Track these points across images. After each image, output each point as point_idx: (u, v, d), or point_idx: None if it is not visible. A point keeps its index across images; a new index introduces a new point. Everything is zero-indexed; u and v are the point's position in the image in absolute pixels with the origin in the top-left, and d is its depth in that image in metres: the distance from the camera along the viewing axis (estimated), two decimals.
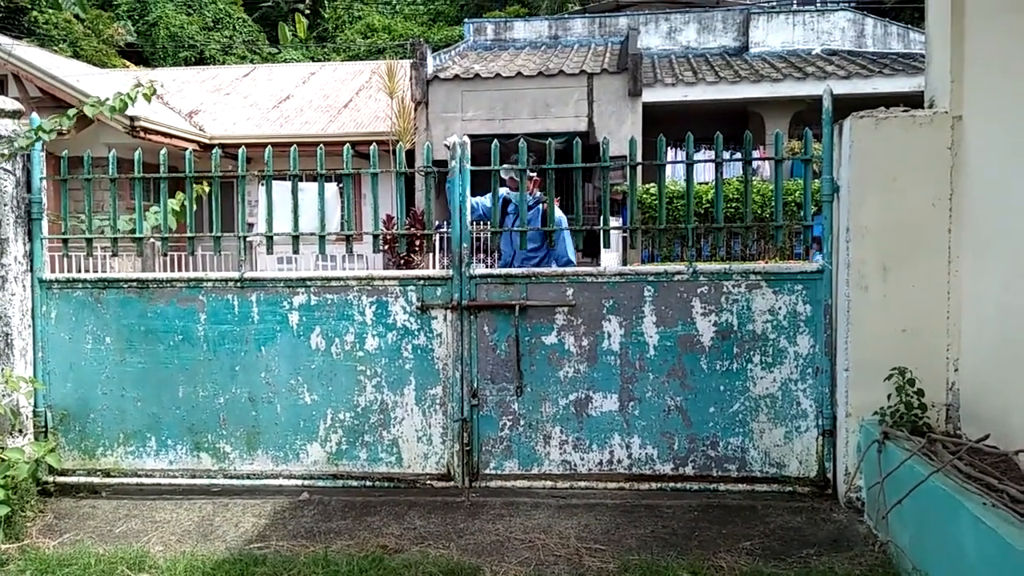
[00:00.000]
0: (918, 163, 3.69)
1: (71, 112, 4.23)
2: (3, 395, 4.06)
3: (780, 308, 4.02)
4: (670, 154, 13.27)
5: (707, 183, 12.60)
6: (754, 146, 4.31)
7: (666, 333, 4.08)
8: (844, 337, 3.80)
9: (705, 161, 4.34)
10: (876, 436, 3.43)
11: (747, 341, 4.03)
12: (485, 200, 5.09)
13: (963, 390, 3.61)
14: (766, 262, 10.57)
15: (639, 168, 4.22)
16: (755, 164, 13.34)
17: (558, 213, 5.02)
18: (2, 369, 4.16)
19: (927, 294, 3.67)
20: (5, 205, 4.24)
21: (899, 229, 3.70)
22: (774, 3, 19.24)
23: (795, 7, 17.18)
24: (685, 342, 4.07)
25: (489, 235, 4.63)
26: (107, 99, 4.25)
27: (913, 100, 4.02)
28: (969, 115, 3.59)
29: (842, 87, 13.29)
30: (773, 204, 4.15)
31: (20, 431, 4.22)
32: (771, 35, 16.85)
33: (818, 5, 17.10)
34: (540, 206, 5.28)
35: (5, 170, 4.23)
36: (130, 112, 13.41)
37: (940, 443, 3.14)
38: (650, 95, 13.99)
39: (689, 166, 4.14)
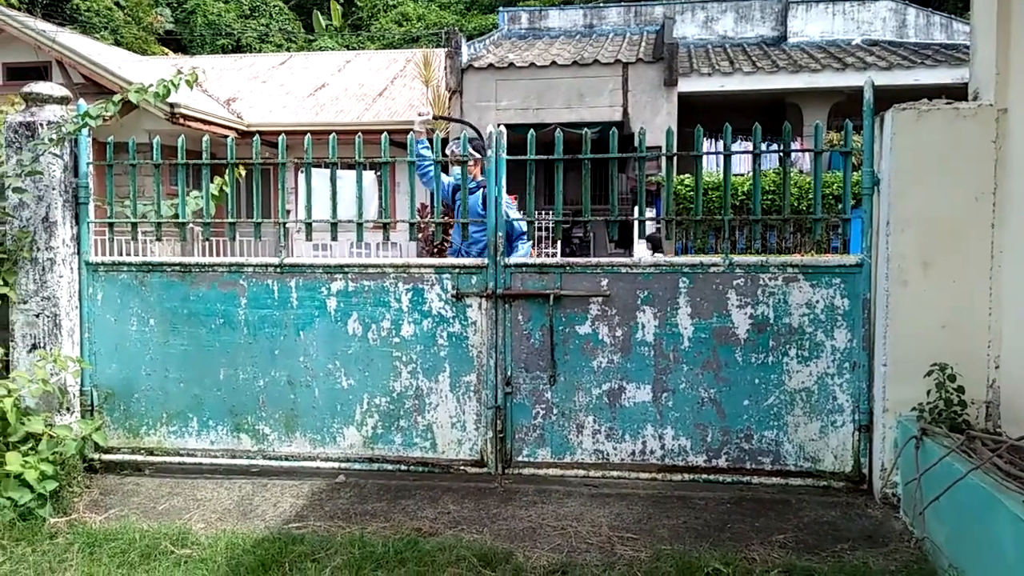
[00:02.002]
0: (961, 156, 3.63)
1: (116, 98, 4.33)
2: (52, 374, 4.18)
3: (817, 302, 3.99)
4: (706, 145, 13.15)
5: (743, 175, 12.49)
6: (792, 138, 4.27)
7: (701, 325, 4.08)
8: (882, 332, 3.77)
9: (742, 152, 4.32)
10: (914, 432, 3.40)
11: (783, 334, 4.02)
12: (448, 178, 5.01)
13: (1004, 387, 3.56)
14: (802, 255, 10.45)
15: (674, 159, 4.21)
16: (793, 156, 13.17)
17: (505, 198, 4.79)
18: (51, 349, 4.29)
19: (968, 290, 3.62)
20: (54, 189, 4.36)
21: (940, 223, 3.65)
22: None
23: None
24: (720, 334, 4.07)
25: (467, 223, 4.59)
26: (150, 85, 4.35)
27: (956, 92, 3.96)
28: (1015, 108, 3.53)
29: (883, 78, 13.04)
30: (811, 197, 4.12)
31: (68, 409, 4.35)
32: (810, 25, 16.56)
33: None
34: (482, 190, 5.13)
35: (54, 155, 4.34)
36: (170, 99, 13.65)
37: (979, 440, 3.11)
38: (686, 85, 13.85)
39: (726, 157, 4.13)
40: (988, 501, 2.68)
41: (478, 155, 4.93)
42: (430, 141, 4.68)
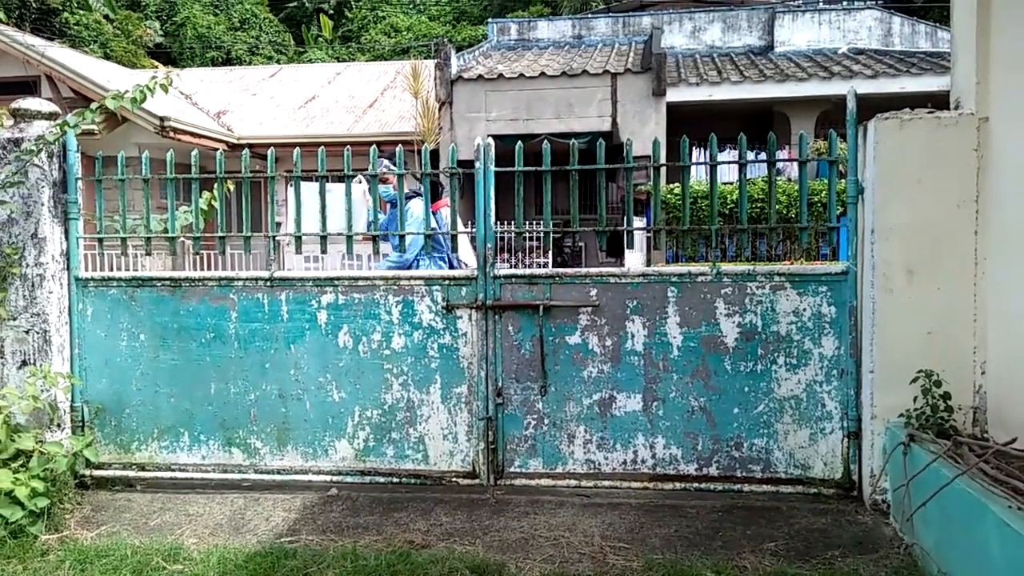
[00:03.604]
0: (943, 165, 3.68)
1: (94, 106, 4.34)
2: (42, 390, 4.17)
3: (804, 309, 4.03)
4: (695, 154, 13.22)
5: (732, 183, 12.56)
6: (779, 146, 4.32)
7: (690, 334, 4.11)
8: (869, 339, 3.81)
9: (729, 162, 4.36)
10: (902, 438, 3.43)
11: (771, 342, 4.05)
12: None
13: (990, 393, 3.59)
14: (791, 263, 10.52)
15: (663, 169, 4.24)
16: (781, 165, 13.26)
17: (415, 213, 4.82)
18: (41, 365, 4.28)
19: (953, 296, 3.66)
20: (42, 205, 4.36)
21: (924, 231, 3.70)
22: (800, 2, 19.08)
23: (821, 6, 17.00)
24: (709, 343, 4.09)
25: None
26: (126, 92, 4.36)
27: (941, 100, 4.01)
28: (995, 117, 3.58)
29: (868, 86, 13.16)
30: (798, 205, 4.16)
31: (58, 425, 4.34)
32: (797, 34, 16.71)
33: (844, 4, 16.92)
34: (413, 204, 5.31)
35: (41, 169, 4.34)
36: (160, 112, 13.63)
37: (966, 446, 3.14)
38: (674, 95, 13.94)
39: (713, 167, 4.16)
40: (975, 506, 2.70)
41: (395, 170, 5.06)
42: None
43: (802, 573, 3.18)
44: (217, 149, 4.98)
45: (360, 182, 4.94)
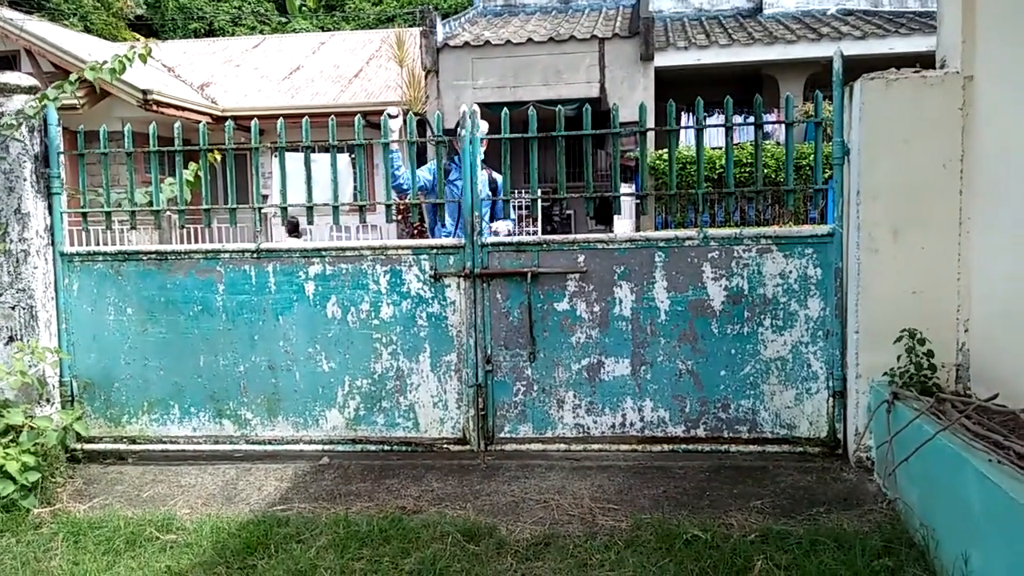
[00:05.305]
0: (929, 124, 3.67)
1: (73, 77, 4.28)
2: (30, 366, 4.17)
3: (791, 272, 4.04)
4: (683, 119, 13.15)
5: (720, 148, 12.52)
6: (767, 109, 4.31)
7: (677, 298, 4.12)
8: (854, 300, 3.83)
9: (715, 126, 4.34)
10: (886, 396, 3.47)
11: (758, 305, 4.07)
12: (426, 172, 5.10)
13: (973, 350, 3.63)
14: (779, 227, 10.52)
15: (651, 134, 4.23)
16: (771, 128, 13.18)
17: (499, 177, 4.95)
18: (28, 341, 4.27)
19: (937, 256, 3.68)
20: (25, 180, 4.32)
21: (910, 191, 3.70)
22: None
23: None
24: (696, 307, 4.11)
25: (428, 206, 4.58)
26: (105, 62, 4.30)
27: (929, 60, 4.00)
28: (980, 75, 3.57)
29: (857, 48, 13.09)
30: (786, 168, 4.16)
31: (48, 400, 4.34)
32: None
33: None
34: (487, 174, 5.32)
35: (22, 143, 4.29)
36: (142, 85, 13.46)
37: (949, 402, 3.17)
38: (662, 59, 13.83)
39: (699, 131, 4.15)
40: (956, 460, 2.74)
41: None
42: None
43: (787, 529, 3.23)
44: (201, 122, 4.95)
45: (396, 116, 4.82)
